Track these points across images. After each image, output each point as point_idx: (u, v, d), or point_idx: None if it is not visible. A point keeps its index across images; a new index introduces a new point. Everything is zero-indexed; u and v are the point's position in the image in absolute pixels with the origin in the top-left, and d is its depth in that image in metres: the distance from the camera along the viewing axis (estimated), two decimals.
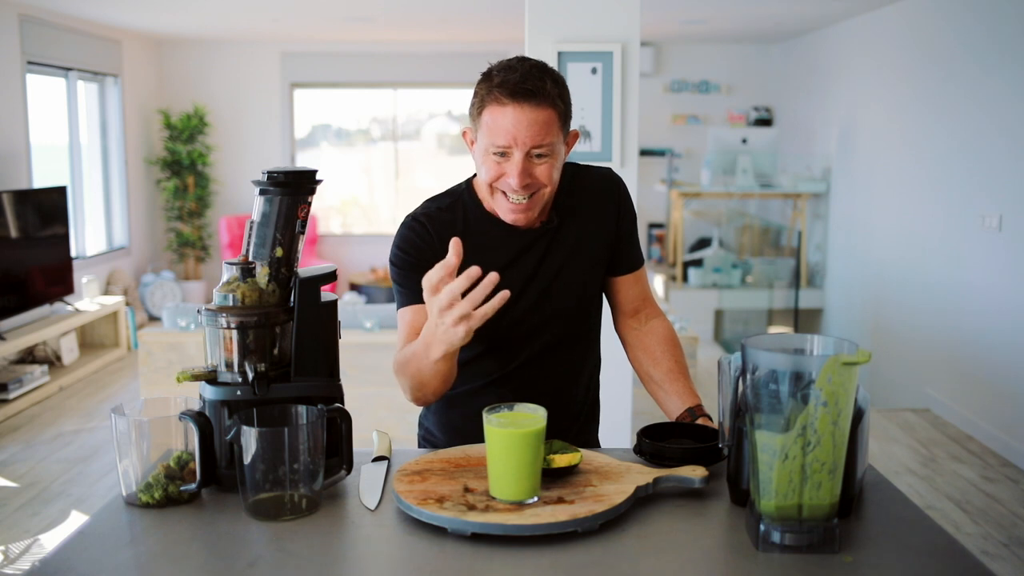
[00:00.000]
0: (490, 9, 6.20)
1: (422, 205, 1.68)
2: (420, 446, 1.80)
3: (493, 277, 1.29)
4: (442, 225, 1.63)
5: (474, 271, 1.29)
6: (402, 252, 1.62)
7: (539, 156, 1.52)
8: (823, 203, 7.03)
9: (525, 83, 1.48)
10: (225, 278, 1.34)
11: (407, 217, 1.66)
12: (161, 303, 7.44)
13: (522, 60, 1.54)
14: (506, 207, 1.56)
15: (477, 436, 1.45)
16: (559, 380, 1.70)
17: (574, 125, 1.63)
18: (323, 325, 1.38)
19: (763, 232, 7.84)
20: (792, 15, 6.47)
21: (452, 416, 1.72)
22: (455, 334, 1.33)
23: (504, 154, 1.51)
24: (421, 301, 1.54)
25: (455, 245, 1.32)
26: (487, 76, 1.53)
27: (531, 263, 1.63)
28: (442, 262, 1.31)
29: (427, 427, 1.78)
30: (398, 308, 1.64)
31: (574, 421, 1.74)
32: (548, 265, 1.64)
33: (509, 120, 1.48)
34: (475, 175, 1.69)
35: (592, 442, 1.81)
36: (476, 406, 1.64)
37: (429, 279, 1.32)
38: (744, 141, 6.97)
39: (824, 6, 6.05)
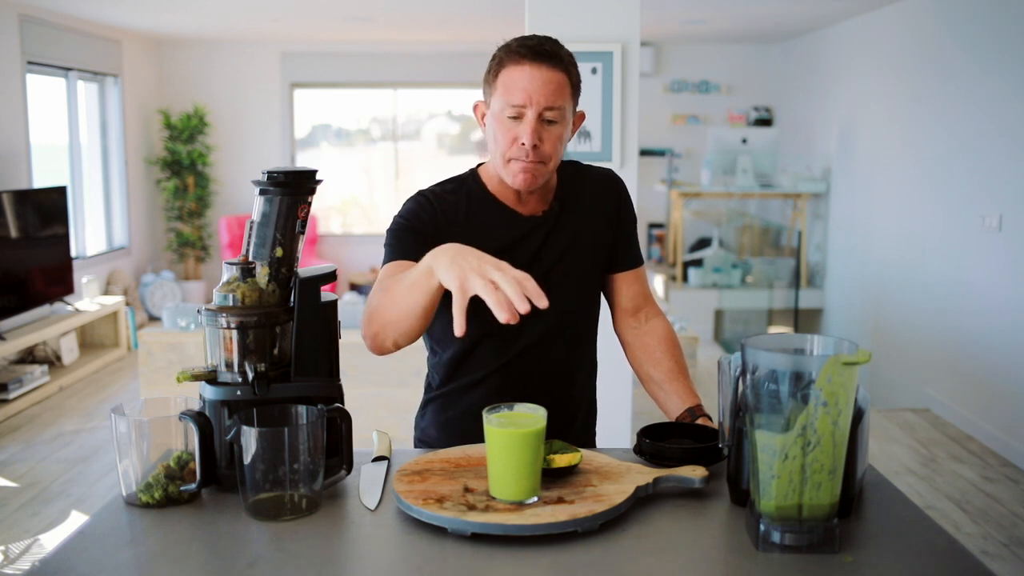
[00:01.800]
0: (490, 9, 6.20)
1: (430, 186, 1.69)
2: (416, 447, 1.79)
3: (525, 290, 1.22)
4: (447, 204, 1.64)
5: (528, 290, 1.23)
6: (403, 219, 1.63)
7: (550, 122, 1.55)
8: (823, 203, 7.03)
9: (543, 45, 1.55)
10: (225, 278, 1.34)
11: (415, 193, 1.67)
12: (161, 303, 7.44)
13: (536, 34, 1.60)
14: (516, 168, 1.57)
15: (475, 434, 1.45)
16: (555, 381, 1.70)
17: None
18: (323, 325, 1.38)
19: (763, 232, 7.84)
20: (792, 15, 6.47)
21: (448, 415, 1.72)
22: (476, 276, 1.22)
23: (518, 116, 1.54)
24: (408, 258, 1.54)
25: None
26: (504, 44, 1.58)
27: (531, 249, 1.64)
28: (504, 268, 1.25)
29: (423, 427, 1.78)
30: (383, 264, 1.59)
31: (572, 420, 1.74)
32: (547, 252, 1.66)
33: (526, 77, 1.53)
34: (480, 164, 1.71)
35: (590, 443, 1.80)
36: (471, 402, 1.65)
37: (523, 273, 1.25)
38: (744, 141, 6.97)
39: (824, 6, 6.05)
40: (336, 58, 8.27)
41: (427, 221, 1.61)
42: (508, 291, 1.21)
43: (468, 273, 1.24)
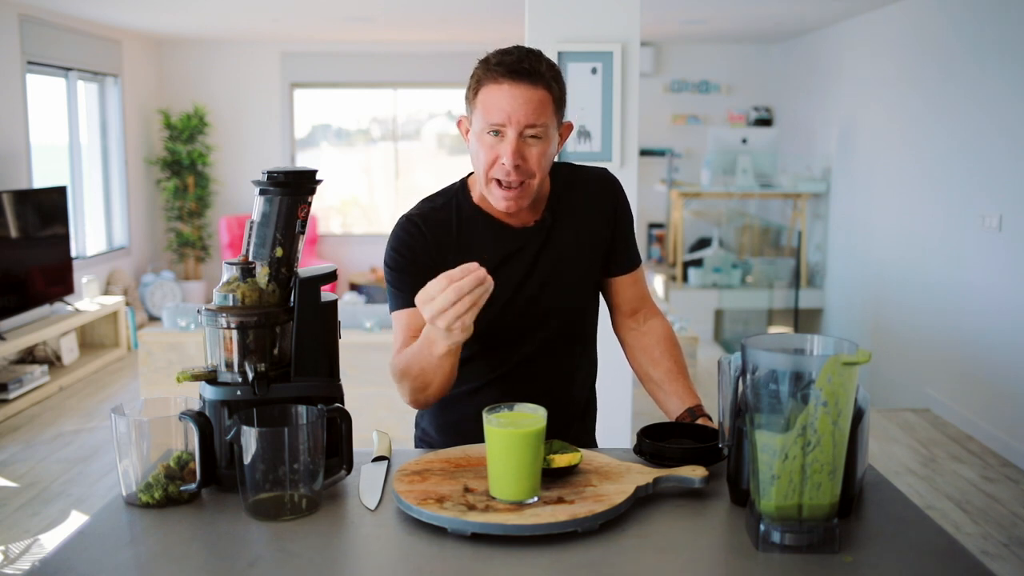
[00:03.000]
0: (490, 9, 6.20)
1: (416, 205, 1.68)
2: (416, 446, 1.79)
3: (480, 275, 1.30)
4: (435, 224, 1.63)
5: (472, 267, 1.30)
6: (396, 253, 1.62)
7: (532, 139, 1.52)
8: (823, 203, 7.03)
9: (521, 63, 1.51)
10: (225, 278, 1.34)
11: (401, 218, 1.66)
12: (161, 303, 7.44)
13: (519, 46, 1.57)
14: (499, 194, 1.56)
15: (474, 436, 1.45)
16: (555, 381, 1.69)
17: (575, 125, 1.64)
18: (323, 325, 1.38)
19: (763, 232, 7.84)
20: (792, 15, 6.47)
21: (449, 416, 1.71)
22: (453, 336, 1.35)
23: (498, 134, 1.52)
24: (413, 305, 1.55)
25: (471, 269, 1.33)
26: (484, 60, 1.56)
27: (525, 261, 1.63)
28: (444, 274, 1.31)
29: (423, 427, 1.78)
30: (392, 311, 1.63)
31: (572, 420, 1.74)
32: (542, 263, 1.64)
33: (504, 98, 1.50)
34: (470, 174, 1.69)
35: (590, 443, 1.80)
36: (472, 406, 1.64)
37: (427, 292, 1.32)
38: (744, 141, 6.97)
39: (824, 6, 6.05)
40: (336, 58, 8.27)
41: (418, 249, 1.60)
42: (462, 288, 1.29)
43: (457, 322, 1.32)
